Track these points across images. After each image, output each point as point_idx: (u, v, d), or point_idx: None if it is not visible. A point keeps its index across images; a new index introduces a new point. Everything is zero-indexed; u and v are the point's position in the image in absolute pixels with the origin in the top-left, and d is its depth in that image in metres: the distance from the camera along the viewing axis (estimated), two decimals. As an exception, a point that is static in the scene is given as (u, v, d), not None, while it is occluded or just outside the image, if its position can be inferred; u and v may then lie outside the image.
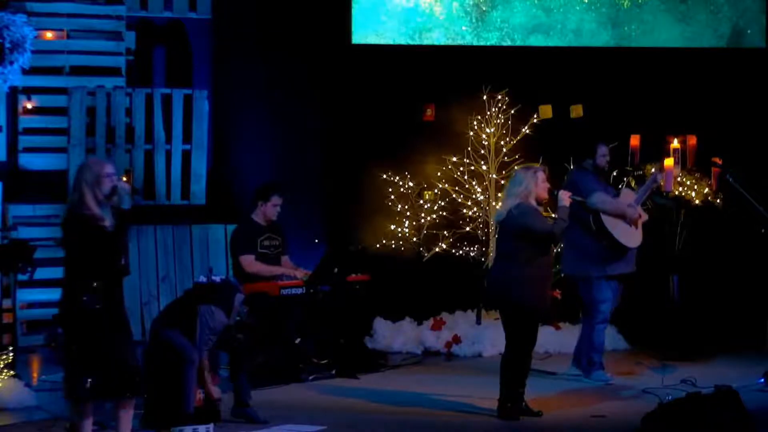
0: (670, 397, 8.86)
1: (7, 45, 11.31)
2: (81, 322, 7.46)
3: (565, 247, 10.63)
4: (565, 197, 9.07)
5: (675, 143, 11.64)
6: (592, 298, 10.48)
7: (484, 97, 12.41)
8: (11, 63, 11.39)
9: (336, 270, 10.87)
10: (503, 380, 9.03)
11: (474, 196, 12.57)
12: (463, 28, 13.37)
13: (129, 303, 7.93)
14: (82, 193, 7.44)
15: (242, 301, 8.96)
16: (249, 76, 13.16)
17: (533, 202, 9.02)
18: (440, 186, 12.58)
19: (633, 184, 11.32)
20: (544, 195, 9.06)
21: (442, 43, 13.35)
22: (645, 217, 10.59)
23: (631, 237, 10.42)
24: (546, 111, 12.34)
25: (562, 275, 10.81)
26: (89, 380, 7.40)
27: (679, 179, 11.57)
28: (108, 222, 7.45)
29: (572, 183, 10.41)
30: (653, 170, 10.85)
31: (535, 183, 9.01)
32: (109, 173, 7.50)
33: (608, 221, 10.32)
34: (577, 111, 12.30)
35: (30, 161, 12.56)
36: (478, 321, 12.27)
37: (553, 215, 9.09)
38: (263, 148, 13.15)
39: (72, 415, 7.72)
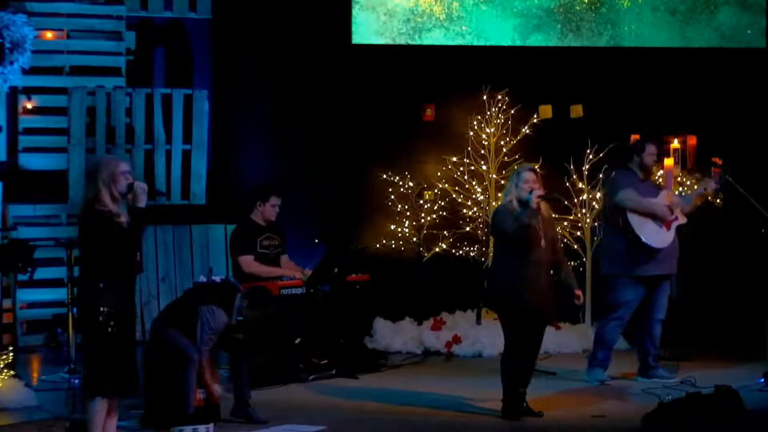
0: (670, 397, 8.87)
1: (7, 45, 11.32)
2: (95, 321, 7.44)
3: (602, 249, 10.63)
4: (533, 197, 8.96)
5: (675, 143, 11.65)
6: (615, 297, 10.41)
7: (484, 97, 12.40)
8: (11, 63, 11.40)
9: (336, 270, 10.87)
10: (502, 380, 9.04)
11: (474, 196, 12.57)
12: (463, 28, 13.37)
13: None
14: (99, 189, 7.45)
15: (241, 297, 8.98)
16: (249, 76, 13.15)
17: (515, 203, 8.99)
18: (440, 186, 12.57)
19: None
20: (522, 195, 8.96)
21: (442, 43, 13.35)
22: (682, 220, 10.49)
23: (657, 237, 10.29)
24: (546, 111, 12.34)
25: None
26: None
27: (679, 179, 11.56)
28: (124, 218, 7.48)
29: (612, 182, 10.45)
30: (707, 178, 10.86)
31: (516, 183, 9.00)
32: (124, 171, 7.53)
33: (634, 219, 10.23)
34: (577, 111, 12.30)
35: (30, 161, 12.55)
36: (478, 321, 12.27)
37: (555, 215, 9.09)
38: (263, 148, 13.15)
39: (86, 413, 7.70)
